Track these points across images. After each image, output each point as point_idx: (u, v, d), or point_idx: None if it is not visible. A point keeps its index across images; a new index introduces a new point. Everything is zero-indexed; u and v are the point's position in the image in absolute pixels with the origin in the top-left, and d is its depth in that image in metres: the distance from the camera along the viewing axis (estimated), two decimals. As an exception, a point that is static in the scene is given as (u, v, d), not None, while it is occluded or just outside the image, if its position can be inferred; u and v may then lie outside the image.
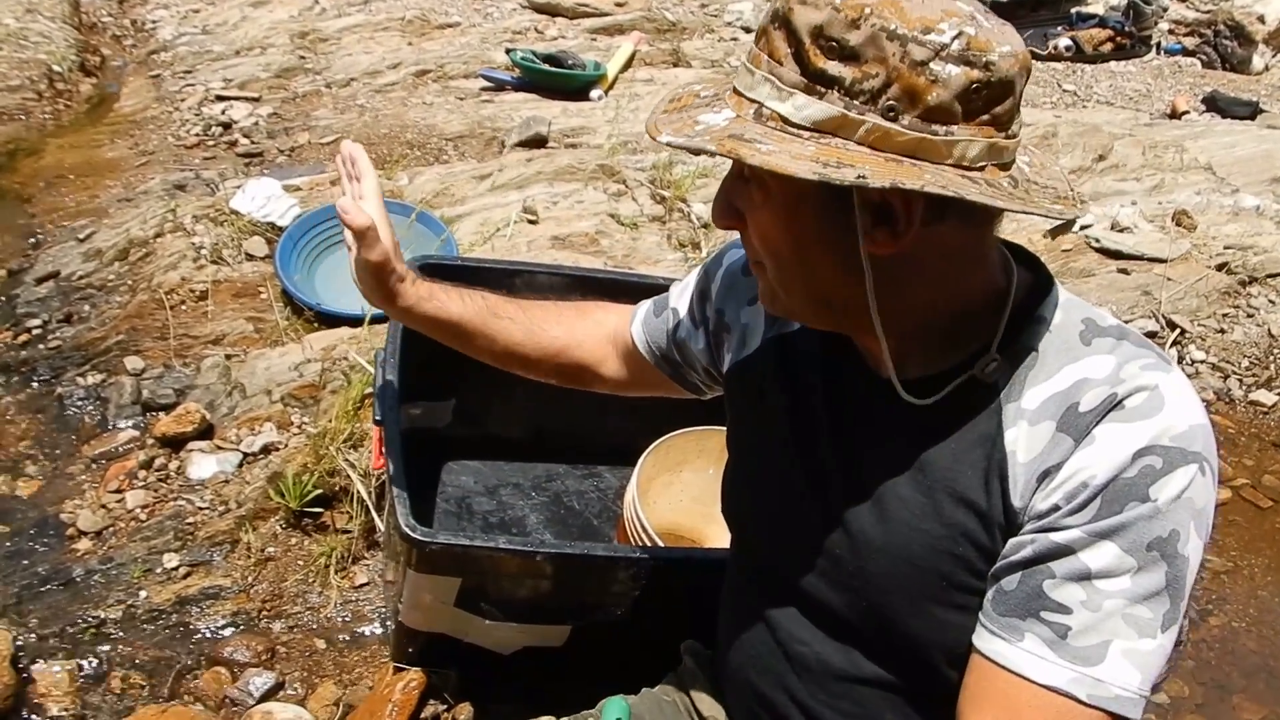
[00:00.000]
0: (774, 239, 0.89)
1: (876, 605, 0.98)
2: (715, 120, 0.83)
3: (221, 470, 2.27)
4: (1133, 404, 0.84)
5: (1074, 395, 0.87)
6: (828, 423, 1.02)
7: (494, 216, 3.14)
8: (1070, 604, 0.84)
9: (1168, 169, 3.96)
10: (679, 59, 5.10)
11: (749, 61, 0.84)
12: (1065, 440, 0.86)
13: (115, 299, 2.85)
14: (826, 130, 0.80)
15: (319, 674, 1.90)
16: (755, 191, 0.87)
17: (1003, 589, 0.88)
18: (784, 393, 1.07)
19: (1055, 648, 0.84)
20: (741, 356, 1.15)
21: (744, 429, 1.17)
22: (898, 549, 0.95)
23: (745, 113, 0.83)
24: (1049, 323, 0.92)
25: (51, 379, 2.62)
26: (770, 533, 1.10)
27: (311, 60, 4.84)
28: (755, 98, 0.83)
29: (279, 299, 2.79)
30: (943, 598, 0.94)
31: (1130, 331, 0.92)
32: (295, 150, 3.93)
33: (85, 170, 3.78)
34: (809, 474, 1.03)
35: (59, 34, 4.87)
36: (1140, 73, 5.69)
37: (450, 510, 2.13)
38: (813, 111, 0.80)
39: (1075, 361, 0.89)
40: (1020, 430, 0.89)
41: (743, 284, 1.17)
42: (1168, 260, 3.32)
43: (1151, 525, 0.82)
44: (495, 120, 4.18)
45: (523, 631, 1.67)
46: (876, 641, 1.01)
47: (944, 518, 0.92)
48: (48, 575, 2.05)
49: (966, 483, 0.91)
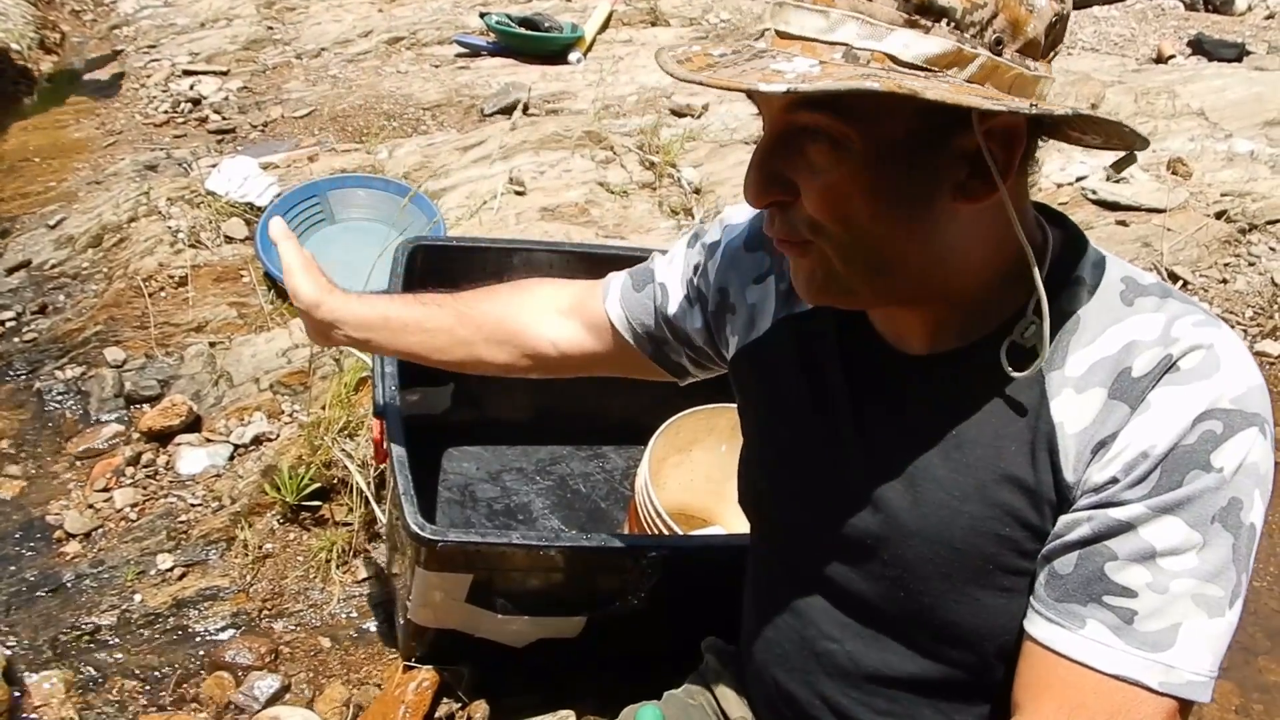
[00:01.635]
0: (847, 204, 0.79)
1: (914, 593, 0.92)
2: (797, 68, 0.72)
3: (212, 464, 2.19)
4: (1188, 364, 0.79)
5: (1125, 359, 0.81)
6: (851, 406, 0.96)
7: (480, 189, 3.05)
8: (1135, 587, 0.79)
9: (1160, 116, 3.90)
10: (657, 18, 4.98)
11: (810, 4, 0.74)
12: (1120, 408, 0.80)
13: (91, 288, 2.75)
14: (939, 67, 0.72)
15: (325, 674, 1.84)
16: (820, 154, 0.77)
17: (1057, 572, 0.82)
18: (803, 375, 1.01)
19: (1121, 634, 0.79)
20: (751, 338, 1.08)
21: (759, 415, 1.10)
22: (936, 532, 0.89)
23: (829, 57, 0.73)
24: (1087, 283, 0.86)
25: (29, 373, 2.52)
26: (795, 523, 1.04)
27: (280, 30, 4.69)
28: (838, 39, 0.73)
29: (262, 282, 2.70)
30: (988, 581, 0.88)
31: (1171, 289, 0.86)
32: (269, 125, 3.81)
33: (51, 152, 3.65)
34: (835, 460, 0.97)
35: (15, 10, 4.69)
36: (1124, 17, 5.61)
37: (454, 499, 2.06)
38: (925, 47, 0.72)
39: (1119, 322, 0.83)
40: (1067, 399, 0.83)
41: (746, 261, 1.09)
42: (1166, 210, 3.27)
43: (1216, 496, 0.77)
44: (473, 87, 4.07)
45: (536, 624, 1.62)
46: (914, 634, 0.95)
47: (987, 497, 0.86)
48: (36, 581, 1.98)
49: (1011, 459, 0.85)
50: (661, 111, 3.77)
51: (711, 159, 3.38)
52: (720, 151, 3.43)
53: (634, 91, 4.03)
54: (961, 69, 0.72)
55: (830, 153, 0.77)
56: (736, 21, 5.02)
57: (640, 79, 4.16)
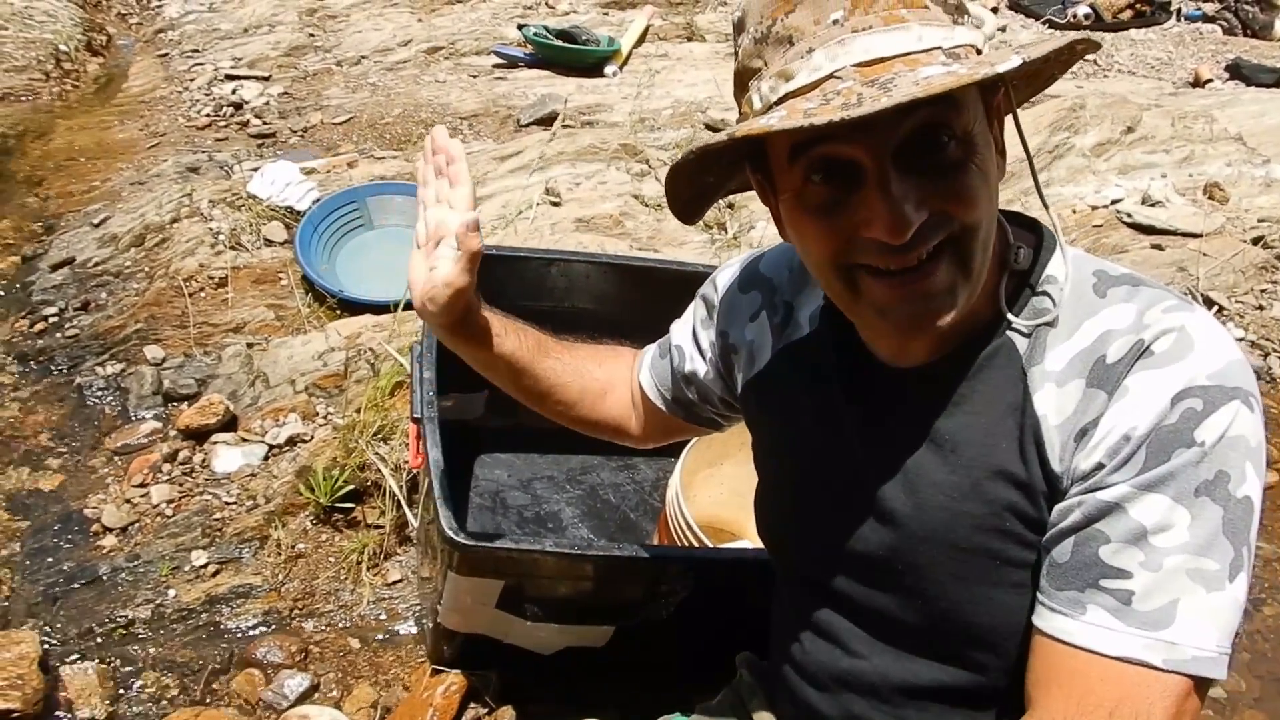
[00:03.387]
0: (983, 188, 0.81)
1: (932, 599, 0.94)
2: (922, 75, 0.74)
3: (247, 463, 2.22)
4: (1161, 348, 0.81)
5: (1099, 349, 0.83)
6: (853, 423, 0.98)
7: (516, 199, 3.07)
8: (1129, 567, 0.80)
9: (1197, 140, 3.87)
10: (693, 33, 5.01)
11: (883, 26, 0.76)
12: (1098, 395, 0.82)
13: (132, 286, 2.80)
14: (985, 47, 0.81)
15: (354, 675, 1.86)
16: (956, 150, 0.79)
17: (1055, 561, 0.84)
18: (806, 398, 1.04)
19: (1121, 615, 0.80)
20: (754, 373, 1.11)
21: (770, 445, 1.13)
22: (940, 535, 0.91)
23: (940, 60, 0.77)
24: (1058, 281, 0.89)
25: (70, 369, 2.57)
26: (812, 545, 1.06)
27: (321, 38, 4.76)
28: (930, 45, 0.77)
29: (300, 285, 2.74)
30: (997, 578, 0.89)
31: (1144, 278, 0.88)
32: (308, 130, 3.86)
33: (96, 152, 3.72)
34: (844, 479, 0.99)
35: (64, 12, 4.79)
36: (1161, 40, 5.58)
37: (485, 505, 2.08)
38: (977, 36, 0.80)
39: (1094, 315, 0.85)
40: (1049, 393, 0.85)
41: (741, 302, 1.13)
42: (1202, 235, 3.24)
43: (1198, 469, 0.78)
44: (509, 98, 4.11)
45: (565, 632, 1.63)
46: (937, 642, 0.96)
47: (984, 495, 0.88)
48: (73, 574, 2.01)
49: (1002, 455, 0.87)
50: (696, 125, 3.79)
51: (745, 174, 3.39)
52: (754, 167, 3.44)
53: (669, 105, 4.05)
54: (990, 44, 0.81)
55: (960, 150, 0.79)
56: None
57: (676, 93, 4.18)
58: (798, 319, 1.06)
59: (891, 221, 0.78)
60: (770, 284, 1.10)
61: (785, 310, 1.08)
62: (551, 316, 1.97)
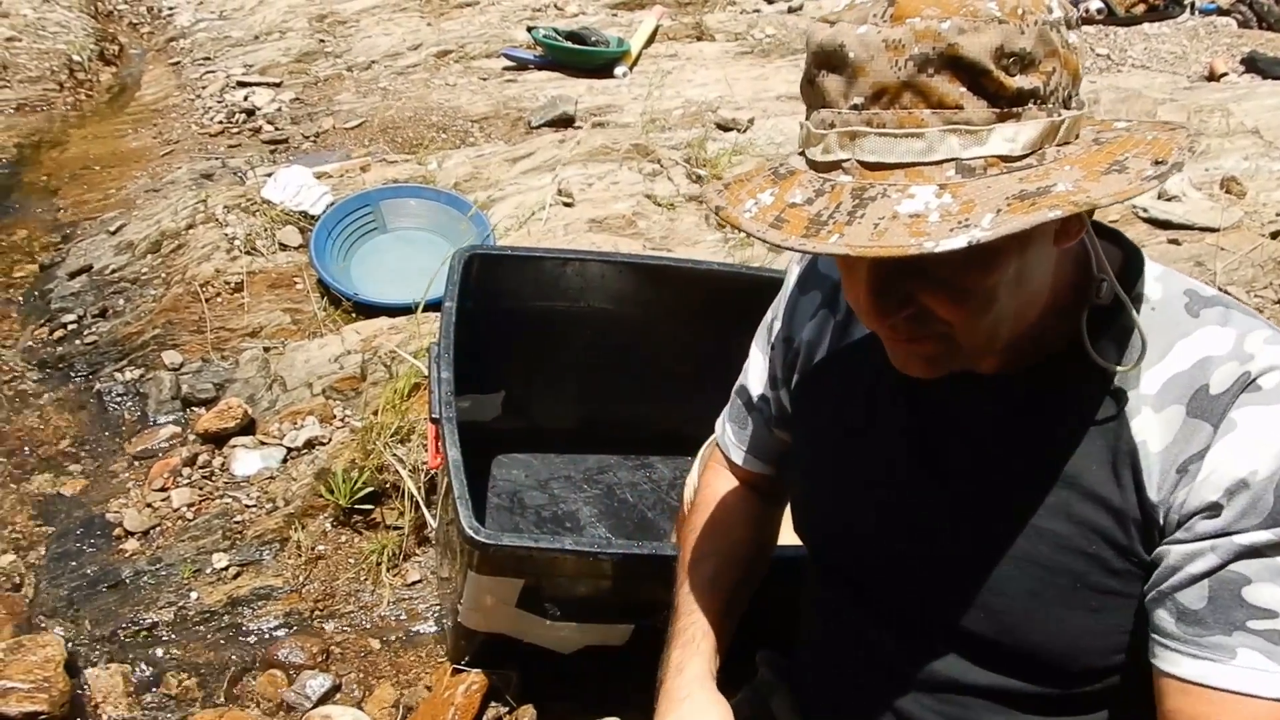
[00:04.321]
0: (984, 295, 0.78)
1: (996, 613, 0.91)
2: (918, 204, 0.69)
3: (266, 466, 2.24)
4: (1269, 384, 0.79)
5: (1199, 376, 0.81)
6: (919, 429, 0.96)
7: (528, 200, 3.08)
8: (1275, 606, 0.79)
9: (1213, 134, 3.85)
10: (702, 33, 5.01)
11: (897, 129, 0.71)
12: (1201, 427, 0.80)
13: (149, 292, 2.82)
14: (1038, 146, 0.73)
15: (375, 675, 1.86)
16: (945, 264, 0.75)
17: (1188, 608, 0.82)
18: (865, 401, 1.01)
19: (1274, 656, 0.79)
20: (810, 368, 1.08)
21: (820, 443, 1.10)
22: (1021, 551, 0.89)
23: (944, 178, 0.71)
24: (1148, 299, 0.86)
25: (90, 375, 2.59)
26: (866, 548, 1.03)
27: (331, 43, 4.78)
28: (942, 157, 0.71)
29: (315, 289, 2.75)
30: (1076, 601, 0.87)
31: (1231, 300, 0.86)
32: (320, 136, 3.89)
33: (110, 161, 3.75)
34: (903, 484, 0.97)
35: (77, 23, 4.83)
36: (1175, 34, 5.55)
37: (502, 505, 2.09)
38: (1027, 134, 0.72)
39: (1187, 336, 0.83)
40: (1147, 418, 0.83)
41: (802, 304, 1.09)
42: (1219, 229, 3.22)
43: None
44: (520, 100, 4.12)
45: (585, 631, 1.63)
46: (992, 650, 0.94)
47: (1072, 515, 0.86)
48: (96, 577, 2.03)
49: (1093, 477, 0.85)
50: (708, 125, 3.79)
51: (758, 173, 3.40)
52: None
53: (680, 105, 4.05)
54: (1054, 138, 0.73)
55: (949, 272, 0.76)
56: (782, 37, 5.04)
57: (687, 93, 4.18)
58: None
59: (868, 310, 0.80)
60: (830, 280, 1.07)
61: (847, 307, 1.04)
62: (567, 316, 2.00)
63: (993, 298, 0.78)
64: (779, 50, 4.86)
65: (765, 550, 1.26)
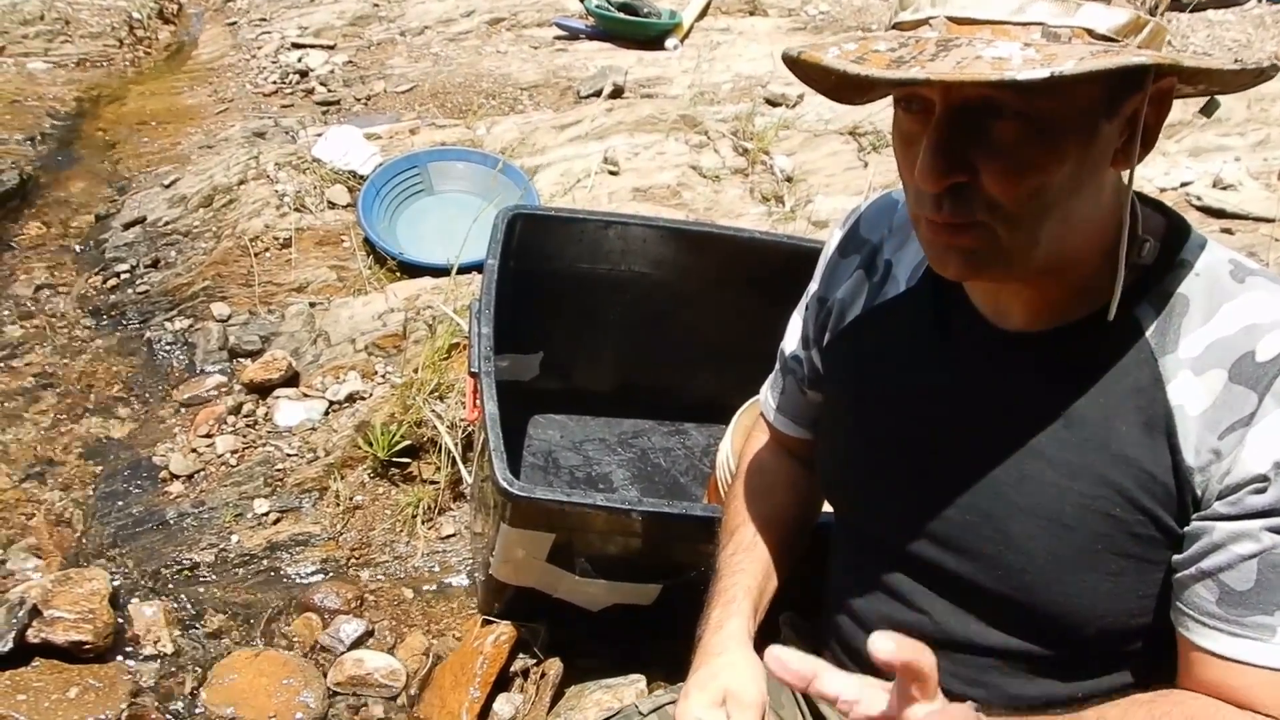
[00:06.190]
0: (1037, 178, 0.78)
1: (1015, 570, 0.91)
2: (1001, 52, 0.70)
3: (308, 418, 2.28)
4: None
5: (1245, 342, 0.80)
6: (952, 383, 0.96)
7: (575, 167, 3.10)
8: None
9: (1274, 123, 3.76)
10: (755, 7, 4.97)
11: None
12: (1247, 395, 0.79)
13: (201, 245, 2.88)
14: (1123, 36, 0.74)
15: (407, 623, 1.90)
16: (1009, 130, 0.76)
17: (1232, 589, 0.81)
18: (895, 356, 1.02)
19: None
20: (842, 327, 1.09)
21: (849, 400, 1.10)
22: (1045, 510, 0.88)
23: (1029, 38, 0.72)
24: (1192, 265, 0.85)
25: (141, 323, 2.66)
26: (888, 505, 1.04)
27: (385, 8, 4.81)
28: (1031, 19, 0.73)
29: (361, 248, 2.79)
30: (1096, 564, 0.87)
31: (1275, 274, 0.85)
32: (371, 99, 3.92)
33: (166, 117, 3.81)
34: (936, 439, 0.97)
35: (137, -20, 4.89)
36: (1240, 21, 5.41)
37: (537, 464, 2.11)
38: (1115, 18, 0.73)
39: (1232, 299, 0.82)
40: (1184, 381, 0.82)
41: (841, 267, 1.10)
42: (1275, 220, 3.16)
43: None
44: (570, 70, 4.12)
45: (613, 589, 1.65)
46: (1012, 612, 0.94)
47: (1099, 476, 0.85)
48: (142, 517, 2.09)
49: (1123, 439, 0.84)
50: (756, 100, 3.77)
51: (805, 148, 3.37)
52: (814, 141, 3.42)
53: (730, 79, 4.03)
54: (1137, 35, 0.74)
55: (1020, 129, 0.76)
56: (836, 14, 4.98)
57: (736, 67, 4.16)
58: (895, 275, 1.04)
59: (924, 167, 0.78)
60: (869, 244, 1.08)
61: (885, 269, 1.05)
62: (607, 279, 2.01)
63: (1047, 184, 0.78)
64: (832, 27, 4.81)
65: (808, 513, 1.27)
